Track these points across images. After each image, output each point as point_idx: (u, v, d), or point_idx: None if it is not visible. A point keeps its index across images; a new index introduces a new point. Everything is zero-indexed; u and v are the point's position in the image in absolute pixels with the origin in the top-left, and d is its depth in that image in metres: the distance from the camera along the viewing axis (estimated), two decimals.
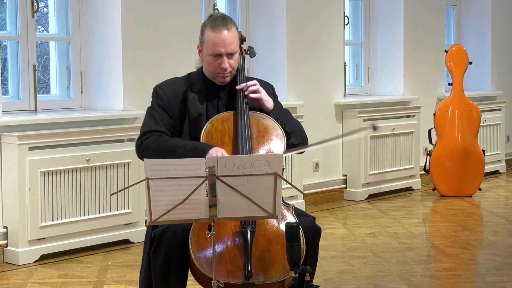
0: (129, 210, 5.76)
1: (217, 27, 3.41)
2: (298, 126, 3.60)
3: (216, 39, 3.40)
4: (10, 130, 5.32)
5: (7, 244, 5.33)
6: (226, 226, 3.21)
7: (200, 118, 3.46)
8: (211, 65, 3.47)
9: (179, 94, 3.49)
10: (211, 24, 3.44)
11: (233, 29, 3.44)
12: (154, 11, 6.07)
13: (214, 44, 3.41)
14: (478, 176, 7.81)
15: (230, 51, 3.43)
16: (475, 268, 5.32)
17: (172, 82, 3.57)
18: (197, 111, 3.47)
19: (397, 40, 8.16)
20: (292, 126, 3.55)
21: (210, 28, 3.43)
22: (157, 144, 3.38)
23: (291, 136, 3.50)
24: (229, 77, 3.50)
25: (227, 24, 3.43)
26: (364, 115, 7.58)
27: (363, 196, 7.60)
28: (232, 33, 3.43)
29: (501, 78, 9.53)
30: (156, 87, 3.55)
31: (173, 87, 3.52)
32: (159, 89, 3.52)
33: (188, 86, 3.52)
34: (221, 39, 3.40)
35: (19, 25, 5.69)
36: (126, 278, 4.93)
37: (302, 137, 3.59)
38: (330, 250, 5.60)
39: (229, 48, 3.42)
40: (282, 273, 3.16)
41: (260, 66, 7.06)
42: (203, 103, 3.50)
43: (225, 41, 3.40)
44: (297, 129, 3.58)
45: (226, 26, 3.42)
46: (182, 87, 3.52)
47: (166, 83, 3.56)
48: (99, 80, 5.99)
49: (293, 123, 3.58)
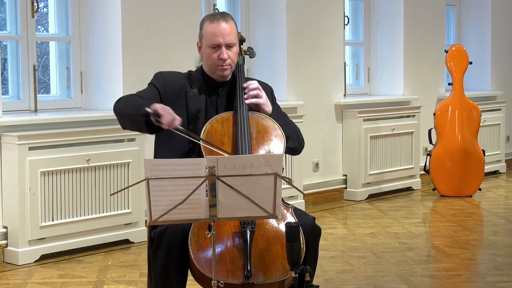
0: (129, 210, 5.76)
1: (215, 19, 3.48)
2: (295, 129, 3.62)
3: (214, 30, 3.45)
4: (10, 130, 5.32)
5: (7, 244, 5.33)
6: (226, 226, 3.22)
7: (199, 115, 3.48)
8: (210, 58, 3.49)
9: (178, 86, 3.53)
10: (209, 18, 3.51)
11: (231, 22, 3.50)
12: (154, 11, 6.07)
13: (212, 34, 3.45)
14: (478, 176, 7.81)
15: (229, 42, 3.46)
16: (475, 268, 5.32)
17: (173, 73, 3.63)
18: (196, 108, 3.49)
19: (397, 40, 8.16)
20: (289, 130, 3.56)
21: (208, 21, 3.49)
22: (125, 98, 3.45)
23: (288, 140, 3.51)
24: (229, 70, 3.52)
25: (225, 17, 3.50)
26: (364, 115, 7.58)
27: (363, 196, 7.60)
28: (230, 25, 3.48)
29: (501, 78, 9.53)
30: (158, 72, 3.61)
31: (173, 77, 3.58)
32: (160, 75, 3.58)
33: (188, 81, 3.55)
34: (220, 29, 3.45)
35: (19, 25, 5.69)
36: (126, 278, 4.93)
37: (298, 141, 3.61)
38: (330, 250, 5.60)
39: (228, 38, 3.45)
40: (281, 273, 3.17)
41: (260, 66, 7.06)
42: (202, 100, 3.51)
43: (223, 32, 3.45)
44: (294, 133, 3.59)
45: (224, 18, 3.49)
46: (182, 80, 3.56)
47: (168, 72, 3.63)
48: (99, 80, 5.99)
49: (291, 126, 3.59)
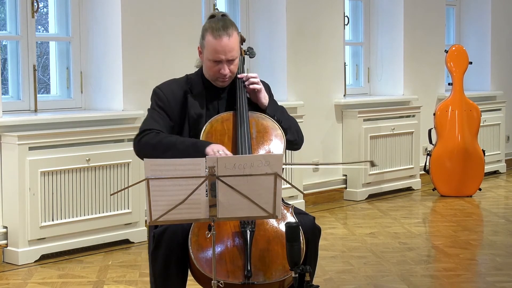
0: (129, 210, 5.76)
1: (218, 34, 3.40)
2: (294, 122, 3.62)
3: (216, 46, 3.40)
4: (10, 130, 5.32)
5: (7, 244, 5.33)
6: (226, 226, 3.22)
7: (200, 120, 3.47)
8: (211, 70, 3.48)
9: (179, 96, 3.50)
10: (211, 29, 3.42)
11: (234, 34, 3.43)
12: (154, 11, 6.07)
13: (214, 51, 3.41)
14: (478, 176, 7.81)
15: (231, 58, 3.43)
16: (475, 268, 5.32)
17: (171, 83, 3.57)
18: (197, 113, 3.47)
19: (397, 40, 8.16)
20: (288, 122, 3.57)
21: (210, 33, 3.42)
22: (156, 140, 3.37)
23: (287, 132, 3.51)
24: (229, 81, 3.52)
25: (228, 29, 3.41)
26: (364, 115, 7.58)
27: (363, 196, 7.60)
28: (233, 39, 3.42)
29: (501, 78, 9.53)
30: (156, 88, 3.55)
31: (173, 88, 3.53)
32: (159, 90, 3.52)
33: (188, 87, 3.53)
34: (222, 46, 3.40)
35: (19, 25, 5.69)
36: (126, 278, 4.93)
37: (298, 133, 3.61)
38: (330, 250, 5.60)
39: (230, 55, 3.42)
40: (281, 273, 3.17)
41: (260, 66, 7.06)
42: (203, 105, 3.50)
43: (225, 48, 3.40)
44: (293, 126, 3.59)
45: (226, 31, 3.41)
46: (182, 89, 3.52)
47: (166, 84, 3.56)
48: (99, 80, 5.99)
49: (289, 119, 3.60)
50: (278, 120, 3.52)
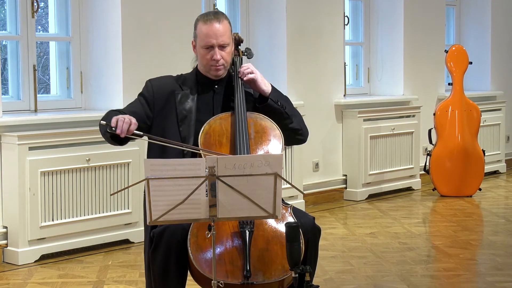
0: (129, 210, 5.76)
1: (208, 20, 3.49)
2: (298, 112, 3.67)
3: (207, 31, 3.47)
4: (10, 130, 5.32)
5: (7, 244, 5.33)
6: (225, 226, 3.22)
7: (190, 116, 3.49)
8: (204, 58, 3.51)
9: (166, 91, 3.56)
10: (203, 18, 3.52)
11: (224, 22, 3.50)
12: (154, 12, 6.07)
13: (205, 35, 3.47)
14: (478, 176, 7.81)
15: (222, 43, 3.48)
16: (475, 268, 5.32)
17: (163, 78, 3.66)
18: (186, 109, 3.50)
19: (397, 40, 8.16)
20: (292, 110, 3.62)
21: (202, 21, 3.51)
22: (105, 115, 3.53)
23: (292, 120, 3.57)
24: (223, 70, 3.54)
25: (219, 17, 3.51)
26: (364, 115, 7.58)
27: (363, 196, 7.60)
28: (223, 25, 3.49)
29: (501, 78, 9.53)
30: (148, 80, 3.65)
31: (163, 81, 3.61)
32: (149, 82, 3.63)
33: (180, 83, 3.58)
34: (213, 30, 3.46)
35: (19, 25, 5.69)
36: (126, 278, 4.93)
37: (302, 123, 3.67)
38: (330, 250, 5.60)
39: (221, 39, 3.47)
40: (281, 272, 3.17)
41: (260, 66, 7.06)
42: (193, 101, 3.52)
43: (216, 33, 3.46)
44: (298, 115, 3.65)
45: (217, 19, 3.50)
46: (172, 85, 3.58)
47: (158, 78, 3.66)
48: (99, 80, 5.99)
49: (294, 109, 3.64)
50: (282, 105, 3.54)
